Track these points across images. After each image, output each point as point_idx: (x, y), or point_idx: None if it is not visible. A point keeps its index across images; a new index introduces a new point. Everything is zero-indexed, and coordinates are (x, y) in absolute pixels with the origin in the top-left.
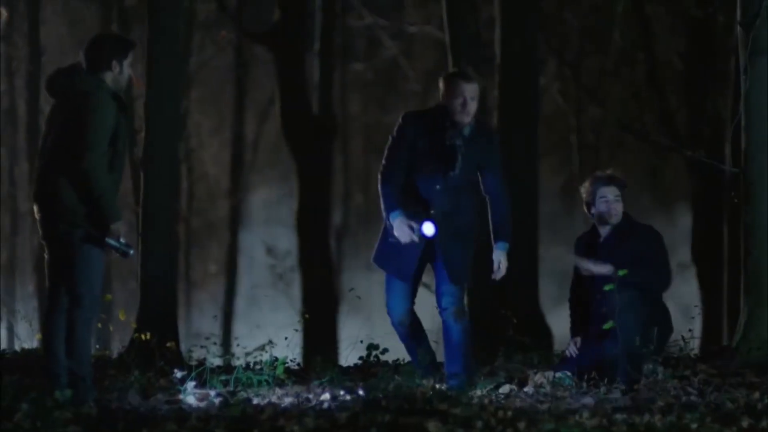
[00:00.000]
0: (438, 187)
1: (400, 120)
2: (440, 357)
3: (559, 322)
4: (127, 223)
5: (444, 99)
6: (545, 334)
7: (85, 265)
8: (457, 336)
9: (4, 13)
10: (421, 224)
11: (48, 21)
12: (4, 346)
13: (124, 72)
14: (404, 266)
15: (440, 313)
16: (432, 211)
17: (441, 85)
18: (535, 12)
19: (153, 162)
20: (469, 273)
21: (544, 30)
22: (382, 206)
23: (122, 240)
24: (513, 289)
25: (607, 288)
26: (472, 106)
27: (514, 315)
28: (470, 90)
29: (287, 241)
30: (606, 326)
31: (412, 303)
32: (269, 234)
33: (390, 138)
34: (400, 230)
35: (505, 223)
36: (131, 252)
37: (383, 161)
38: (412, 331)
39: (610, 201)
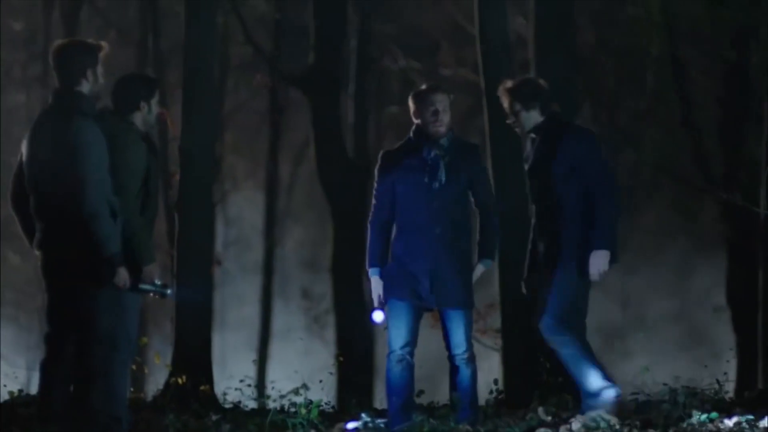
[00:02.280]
0: (427, 206)
1: (378, 161)
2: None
3: None
4: (161, 266)
5: (416, 116)
6: None
7: (123, 311)
8: (468, 381)
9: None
10: (372, 310)
11: None
12: None
13: (152, 111)
14: (419, 287)
15: (451, 357)
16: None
17: (410, 104)
18: (569, 55)
19: (188, 204)
20: (472, 298)
21: (579, 73)
22: (367, 254)
23: (157, 282)
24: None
25: None
26: (445, 116)
27: (548, 357)
28: (439, 99)
29: (322, 283)
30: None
31: (416, 338)
32: (304, 276)
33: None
34: (373, 290)
35: (491, 239)
36: (168, 292)
37: (372, 208)
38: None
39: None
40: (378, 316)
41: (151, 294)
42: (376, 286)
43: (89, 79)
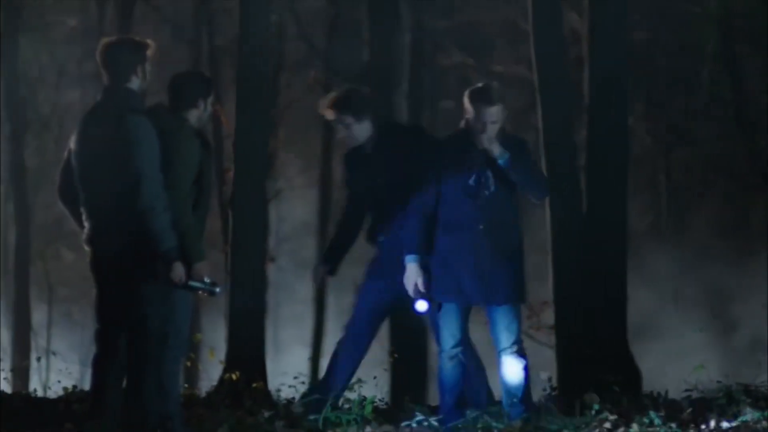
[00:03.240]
0: (473, 205)
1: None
2: None
3: (646, 361)
4: (214, 263)
5: (467, 114)
6: (634, 375)
7: (176, 307)
8: (518, 376)
9: None
10: (414, 300)
11: None
12: None
13: (208, 109)
14: (465, 287)
15: (499, 353)
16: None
17: (465, 101)
18: (623, 52)
19: (241, 201)
20: (521, 293)
21: (633, 69)
22: (404, 241)
23: (207, 279)
24: (601, 328)
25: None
26: (493, 129)
27: (602, 355)
28: (492, 113)
29: None
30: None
31: (466, 335)
32: (357, 272)
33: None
34: (408, 278)
35: None
36: (218, 290)
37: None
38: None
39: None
40: (421, 305)
41: (200, 292)
42: (413, 274)
43: (138, 76)
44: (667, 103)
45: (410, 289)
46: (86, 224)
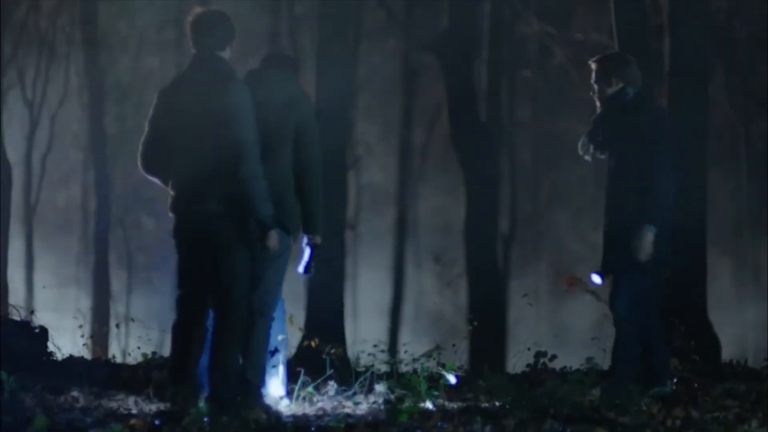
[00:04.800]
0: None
1: None
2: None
3: (726, 329)
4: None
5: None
6: (714, 343)
7: (276, 275)
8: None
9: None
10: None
11: None
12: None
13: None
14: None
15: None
16: None
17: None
18: (703, 20)
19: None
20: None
21: (713, 39)
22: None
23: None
24: (681, 297)
25: None
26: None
27: (682, 323)
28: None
29: (454, 248)
30: None
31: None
32: (436, 241)
33: None
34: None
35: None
36: (312, 272)
37: None
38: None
39: None
40: (596, 278)
41: (307, 263)
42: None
43: (231, 47)
44: (748, 71)
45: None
46: (172, 191)
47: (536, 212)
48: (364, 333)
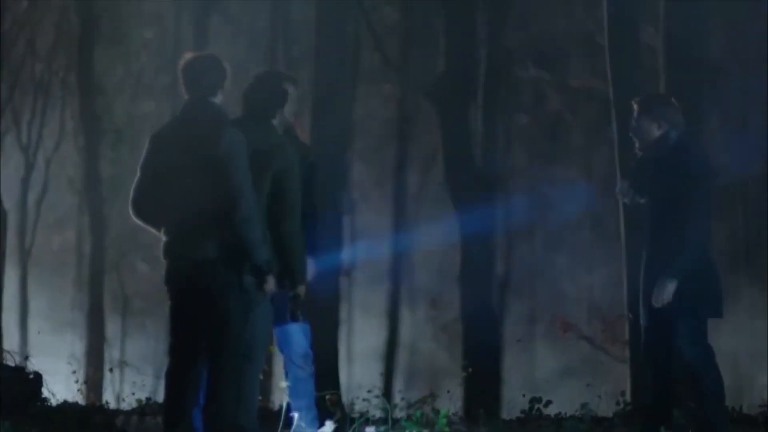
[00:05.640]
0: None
1: None
2: None
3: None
4: None
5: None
6: None
7: (260, 321)
8: (698, 397)
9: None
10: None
11: None
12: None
13: (284, 114)
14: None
15: None
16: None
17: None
18: (698, 65)
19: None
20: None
21: (708, 83)
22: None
23: (299, 302)
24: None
25: None
26: (638, 133)
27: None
28: (635, 112)
29: (450, 293)
30: None
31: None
32: (432, 285)
33: None
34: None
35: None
36: (301, 320)
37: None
38: None
39: None
40: None
41: (292, 312)
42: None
43: (223, 92)
44: (742, 115)
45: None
46: (165, 237)
47: (531, 257)
48: (359, 378)
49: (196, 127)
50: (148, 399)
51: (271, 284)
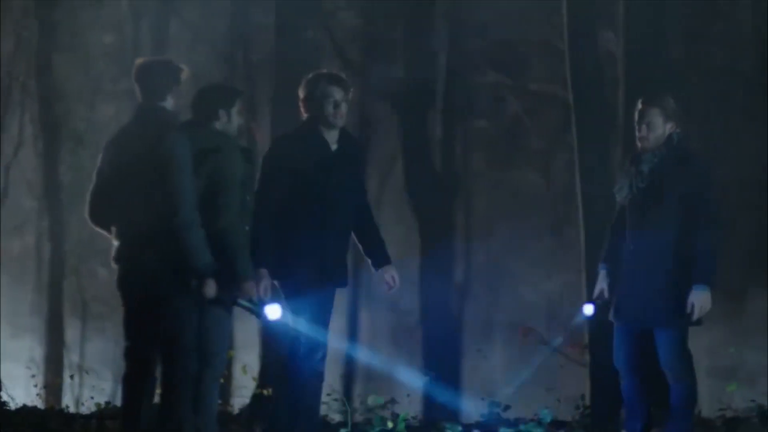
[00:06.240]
0: (638, 222)
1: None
2: None
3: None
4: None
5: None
6: (666, 393)
7: (217, 325)
8: (677, 401)
9: None
10: (586, 303)
11: None
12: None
13: (232, 121)
14: None
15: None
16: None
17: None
18: (659, 71)
19: None
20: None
21: (669, 89)
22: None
23: (254, 299)
24: None
25: None
26: (651, 133)
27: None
28: (644, 114)
29: (409, 298)
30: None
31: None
32: (391, 291)
33: None
34: (598, 284)
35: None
36: (265, 313)
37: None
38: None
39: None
40: (588, 309)
41: (248, 311)
42: (602, 279)
43: (173, 97)
44: (703, 123)
45: (595, 292)
46: (115, 242)
47: (491, 262)
48: None
49: (141, 132)
50: (107, 403)
51: (210, 288)
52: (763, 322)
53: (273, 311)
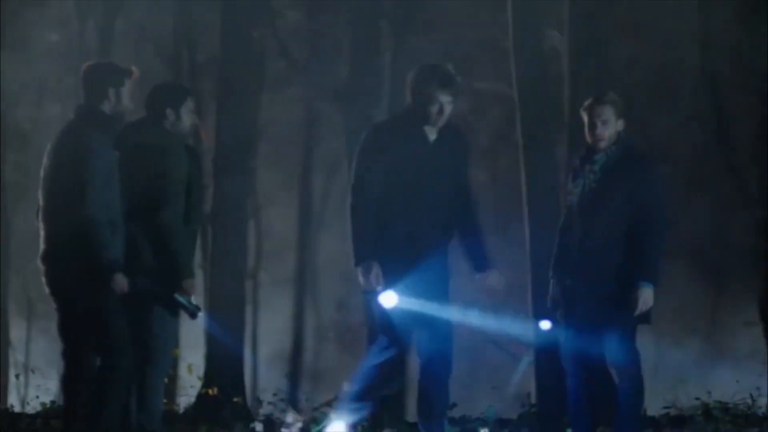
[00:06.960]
0: (582, 220)
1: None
2: None
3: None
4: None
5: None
6: (612, 391)
7: (161, 322)
8: (625, 399)
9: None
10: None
11: None
12: None
13: (182, 120)
14: None
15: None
16: None
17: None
18: (603, 69)
19: (221, 218)
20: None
21: (613, 87)
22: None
23: (192, 300)
24: None
25: None
26: (605, 130)
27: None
28: (599, 113)
29: (356, 296)
30: None
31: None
32: (338, 289)
33: None
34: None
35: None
36: (199, 313)
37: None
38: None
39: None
40: (545, 324)
41: (183, 310)
42: (554, 288)
43: (111, 100)
44: (647, 120)
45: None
46: (41, 242)
47: None
48: (264, 382)
49: (73, 132)
50: (52, 402)
51: (119, 283)
52: (707, 322)
53: (389, 298)
